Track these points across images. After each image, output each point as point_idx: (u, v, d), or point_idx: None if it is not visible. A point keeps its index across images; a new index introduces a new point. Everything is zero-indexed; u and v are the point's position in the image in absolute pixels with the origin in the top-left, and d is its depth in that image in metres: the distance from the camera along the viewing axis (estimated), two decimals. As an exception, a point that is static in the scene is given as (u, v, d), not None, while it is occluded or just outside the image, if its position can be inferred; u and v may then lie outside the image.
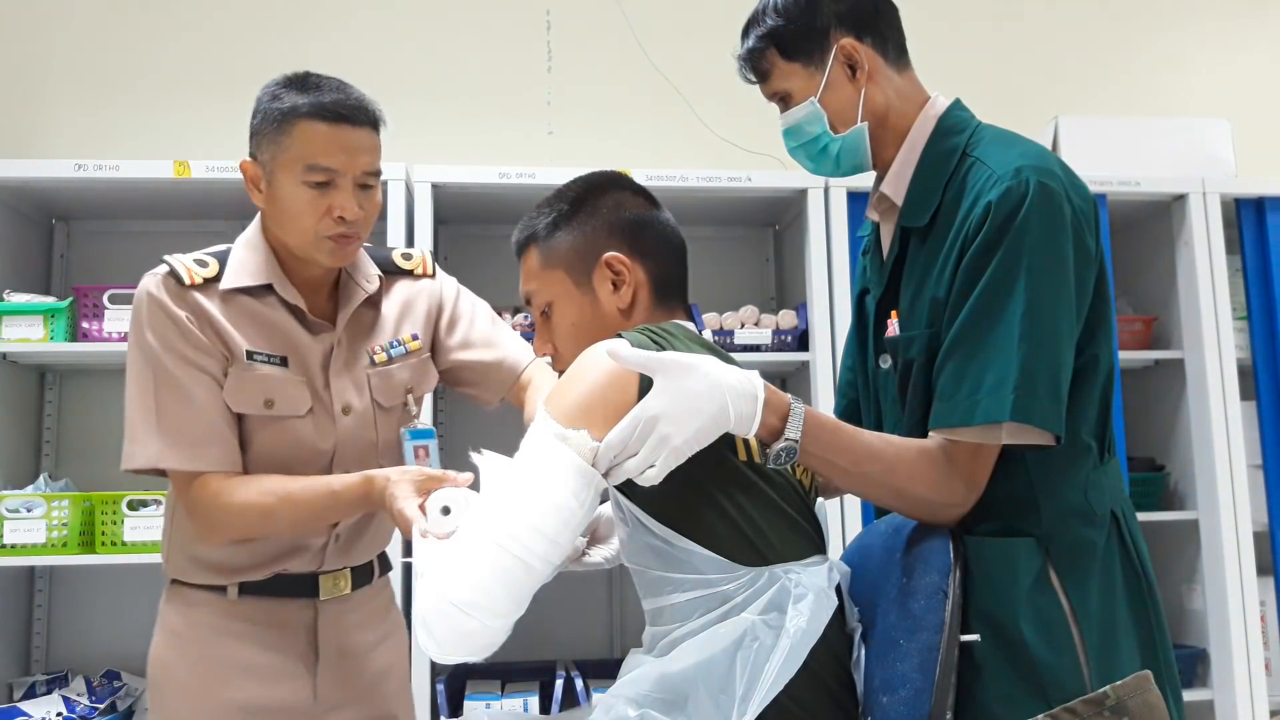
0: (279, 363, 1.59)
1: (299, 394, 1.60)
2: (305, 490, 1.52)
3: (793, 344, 2.72)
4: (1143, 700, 1.11)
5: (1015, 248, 1.21)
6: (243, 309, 1.59)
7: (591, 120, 3.14)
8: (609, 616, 2.95)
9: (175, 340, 1.54)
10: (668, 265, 1.41)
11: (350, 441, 1.64)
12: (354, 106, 1.54)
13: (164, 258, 1.60)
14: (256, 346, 1.58)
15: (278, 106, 1.53)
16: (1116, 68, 3.38)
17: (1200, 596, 2.73)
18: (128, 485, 2.66)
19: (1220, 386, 2.72)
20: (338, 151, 1.52)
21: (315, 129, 1.51)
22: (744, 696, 1.13)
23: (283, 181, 1.53)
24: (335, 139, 1.52)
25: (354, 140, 1.53)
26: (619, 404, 1.18)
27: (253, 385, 1.57)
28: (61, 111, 2.99)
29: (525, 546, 1.13)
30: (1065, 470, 1.27)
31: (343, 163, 1.52)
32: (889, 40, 1.41)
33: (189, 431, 1.53)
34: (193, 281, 1.56)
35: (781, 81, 1.42)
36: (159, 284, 1.56)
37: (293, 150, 1.52)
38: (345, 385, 1.64)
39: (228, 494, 1.52)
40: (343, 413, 1.63)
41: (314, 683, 1.63)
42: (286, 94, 1.53)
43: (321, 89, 1.54)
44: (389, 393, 1.68)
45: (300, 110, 1.51)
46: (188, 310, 1.55)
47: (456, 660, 1.16)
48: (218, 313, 1.57)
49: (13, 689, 2.62)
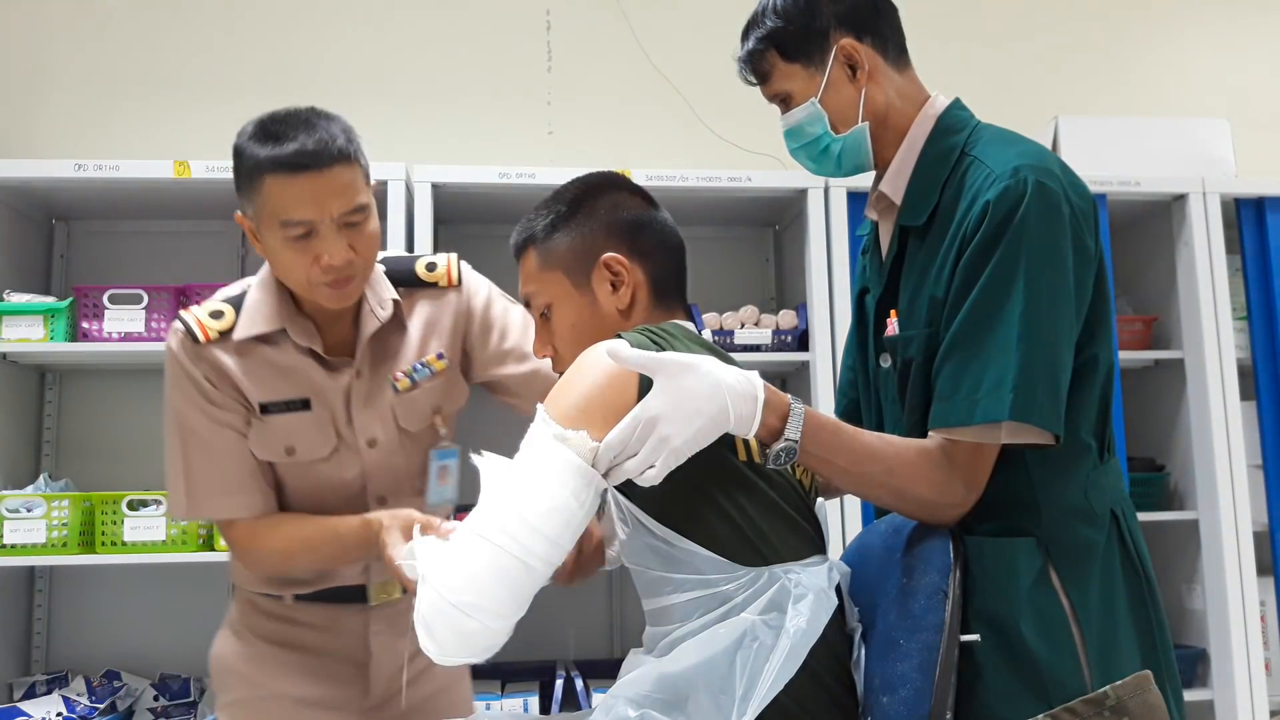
0: (300, 407, 1.61)
1: (321, 436, 1.62)
2: (317, 535, 1.59)
3: (793, 344, 2.72)
4: (1143, 700, 1.11)
5: (1013, 247, 1.21)
6: (260, 356, 1.60)
7: (591, 120, 3.14)
8: (609, 616, 2.95)
9: (196, 398, 1.58)
10: (666, 265, 1.41)
11: (379, 471, 1.66)
12: (315, 151, 1.46)
13: (181, 314, 1.62)
14: (275, 395, 1.60)
15: (246, 164, 1.49)
16: (1116, 68, 3.38)
17: (1200, 596, 2.73)
18: (128, 485, 2.66)
19: (1220, 386, 2.72)
20: (308, 203, 1.47)
21: (281, 184, 1.47)
22: (744, 696, 1.13)
23: (267, 237, 1.52)
24: (303, 190, 1.47)
25: (323, 186, 1.47)
26: (618, 404, 1.18)
27: (272, 435, 1.61)
28: (61, 111, 2.99)
29: (525, 547, 1.13)
30: (1065, 470, 1.27)
31: (314, 212, 1.48)
32: (889, 40, 1.41)
33: (216, 484, 1.60)
34: (207, 338, 1.59)
35: (782, 83, 1.42)
36: (178, 343, 1.60)
37: (266, 207, 1.49)
38: (369, 419, 1.64)
39: (253, 540, 1.62)
40: (368, 445, 1.64)
41: (366, 682, 1.70)
42: (251, 147, 1.49)
43: (283, 137, 1.47)
44: (415, 418, 1.68)
45: (264, 166, 1.47)
46: (205, 367, 1.59)
47: (458, 661, 1.16)
48: (234, 366, 1.59)
49: (13, 689, 2.62)
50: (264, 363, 1.60)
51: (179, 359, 1.59)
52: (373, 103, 3.06)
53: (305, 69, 3.07)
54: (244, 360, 1.59)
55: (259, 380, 1.60)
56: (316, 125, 1.49)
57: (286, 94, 3.00)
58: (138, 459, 2.82)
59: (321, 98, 3.02)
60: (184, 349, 1.59)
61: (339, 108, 3.17)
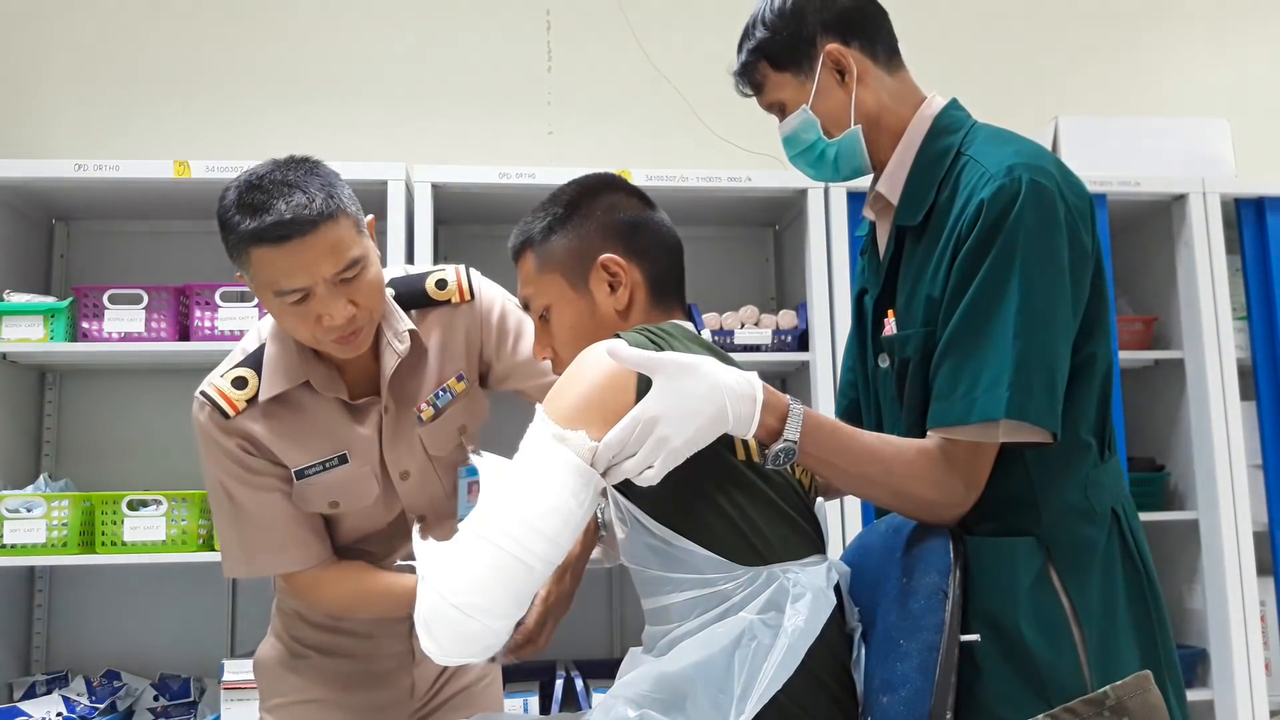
0: (336, 464, 1.61)
1: (364, 488, 1.63)
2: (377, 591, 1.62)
3: (793, 344, 2.72)
4: (1143, 700, 1.11)
5: (1008, 245, 1.21)
6: (288, 415, 1.59)
7: (591, 120, 3.14)
8: (609, 616, 2.95)
9: (233, 468, 1.58)
10: (664, 265, 1.41)
11: (415, 497, 1.68)
12: (293, 220, 1.41)
13: (203, 390, 1.59)
14: (310, 456, 1.60)
15: (230, 237, 1.47)
16: (1116, 68, 3.38)
17: (1200, 596, 2.73)
18: (128, 485, 2.66)
19: (1220, 386, 2.72)
20: (295, 271, 1.44)
21: (266, 256, 1.44)
22: (742, 696, 1.13)
23: (268, 302, 1.50)
24: (289, 259, 1.43)
25: (307, 252, 1.43)
26: (617, 405, 1.18)
27: (315, 493, 1.62)
28: (61, 111, 2.99)
29: (526, 548, 1.13)
30: (1065, 469, 1.27)
31: (305, 279, 1.45)
32: (877, 43, 1.42)
33: (269, 543, 1.61)
34: (236, 410, 1.57)
35: (774, 92, 1.43)
36: (206, 418, 1.58)
37: (258, 278, 1.47)
38: (400, 453, 1.65)
39: (315, 591, 1.65)
40: (401, 479, 1.66)
41: (412, 681, 1.74)
42: (234, 218, 1.45)
43: (262, 208, 1.43)
44: (442, 443, 1.68)
45: (247, 240, 1.44)
46: (238, 439, 1.58)
47: (458, 661, 1.17)
48: (265, 434, 1.58)
49: (13, 689, 2.62)
50: (294, 422, 1.59)
51: (209, 433, 1.58)
52: (373, 103, 3.07)
53: (305, 69, 3.07)
54: (273, 425, 1.58)
55: (292, 444, 1.59)
56: (294, 187, 1.45)
57: (286, 94, 3.03)
58: (138, 459, 2.82)
59: (321, 98, 3.06)
60: (213, 424, 1.57)
61: (339, 108, 3.18)
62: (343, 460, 1.61)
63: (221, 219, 1.48)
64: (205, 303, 2.56)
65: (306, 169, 1.49)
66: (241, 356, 1.62)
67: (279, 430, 1.58)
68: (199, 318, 2.56)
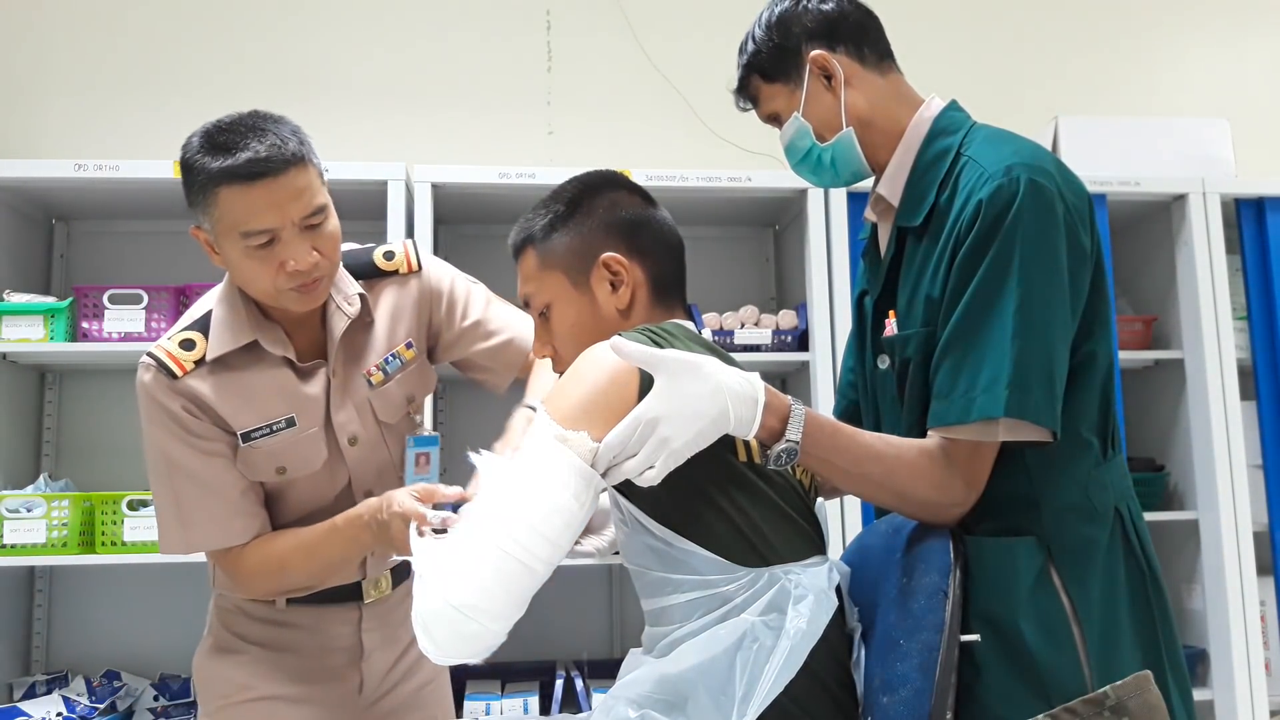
0: (284, 426, 1.59)
1: (312, 451, 1.61)
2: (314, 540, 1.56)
3: (793, 344, 2.72)
4: (1143, 700, 1.11)
5: (1007, 245, 1.22)
6: (235, 377, 1.57)
7: (591, 120, 3.14)
8: (609, 616, 2.95)
9: (178, 431, 1.55)
10: (665, 264, 1.41)
11: (362, 466, 1.66)
12: (268, 158, 1.42)
13: (150, 350, 1.57)
14: (258, 418, 1.57)
15: (197, 177, 1.45)
16: (1116, 68, 3.38)
17: (1200, 596, 2.73)
18: (128, 485, 2.66)
19: (1220, 386, 2.72)
20: (266, 210, 1.44)
21: (236, 194, 1.43)
22: (744, 698, 1.13)
23: (228, 249, 1.49)
24: (260, 198, 1.43)
25: (279, 192, 1.44)
26: (619, 405, 1.18)
27: (261, 458, 1.59)
28: (61, 111, 2.99)
29: (526, 549, 1.12)
30: (1065, 468, 1.27)
31: (275, 219, 1.45)
32: (864, 46, 1.43)
33: (211, 512, 1.56)
34: (184, 370, 1.55)
35: (769, 104, 1.46)
36: (152, 379, 1.55)
37: (224, 220, 1.46)
38: (348, 417, 1.64)
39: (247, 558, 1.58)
40: (349, 444, 1.64)
41: (360, 677, 1.70)
42: (201, 159, 1.44)
43: (233, 147, 1.43)
44: (391, 410, 1.68)
45: (216, 178, 1.43)
46: (184, 400, 1.55)
47: (456, 662, 1.16)
48: (212, 395, 1.55)
49: (13, 689, 2.62)
50: (241, 384, 1.57)
51: (154, 395, 1.55)
52: (373, 103, 3.07)
53: (305, 69, 3.07)
54: (221, 386, 1.56)
55: (240, 405, 1.56)
56: (266, 130, 1.45)
57: (286, 94, 3.03)
58: (138, 459, 2.77)
59: (321, 98, 3.05)
60: (159, 385, 1.54)
61: (339, 107, 3.18)
62: (290, 423, 1.59)
63: (186, 162, 1.46)
64: (205, 303, 2.56)
65: (274, 118, 1.49)
66: (189, 322, 1.60)
67: (226, 391, 1.56)
68: (199, 318, 2.56)
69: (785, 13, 1.43)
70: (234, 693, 1.65)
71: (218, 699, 1.66)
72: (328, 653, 1.69)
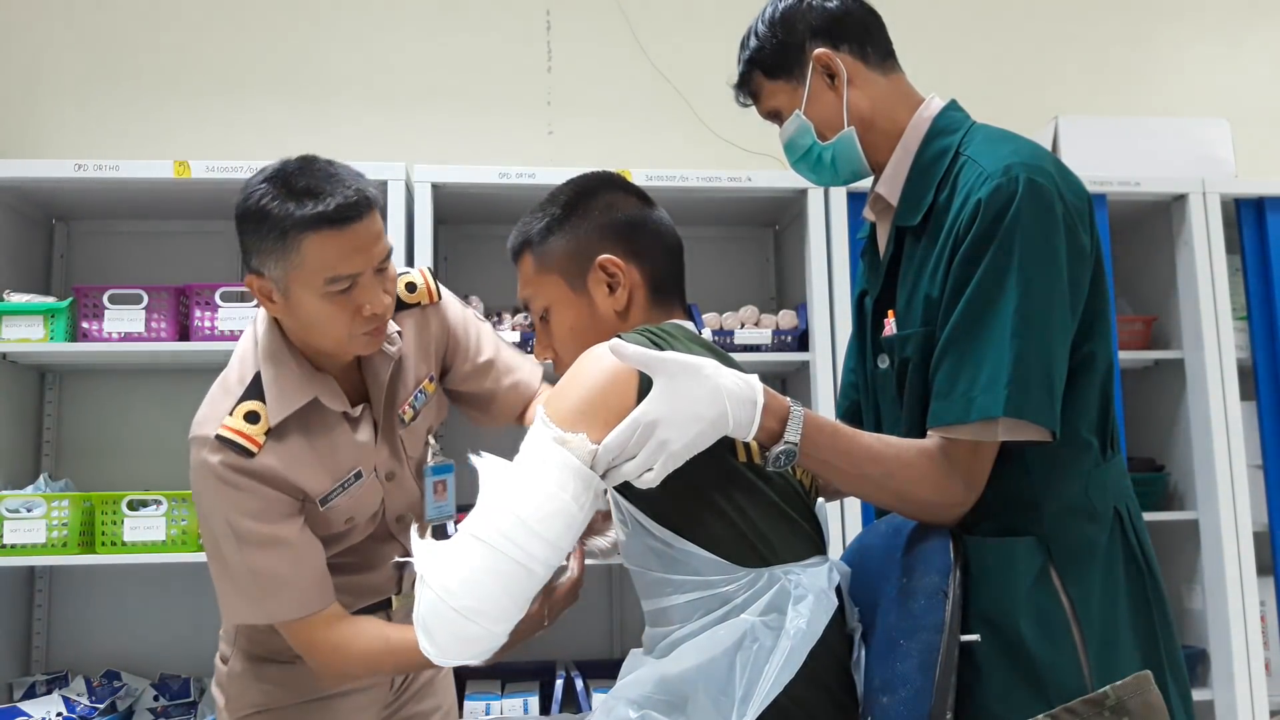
0: (354, 479, 1.57)
1: (372, 498, 1.62)
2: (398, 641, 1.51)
3: (793, 344, 2.72)
4: (1143, 700, 1.11)
5: (1006, 244, 1.22)
6: (298, 441, 1.52)
7: (591, 120, 3.14)
8: (609, 616, 2.95)
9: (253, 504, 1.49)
10: (663, 265, 1.40)
11: (395, 497, 1.67)
12: (355, 203, 1.43)
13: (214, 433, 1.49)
14: (331, 481, 1.55)
15: (277, 224, 1.42)
16: (1116, 68, 3.38)
17: (1200, 596, 2.73)
18: (128, 485, 2.66)
19: (1220, 386, 2.72)
20: (354, 255, 1.44)
21: (327, 240, 1.42)
22: (744, 698, 1.13)
23: (302, 297, 1.46)
24: (348, 244, 1.43)
25: (364, 236, 1.45)
26: (618, 407, 1.18)
27: (335, 516, 1.58)
28: (61, 111, 2.99)
29: (527, 552, 1.12)
30: (1065, 468, 1.27)
31: (361, 263, 1.45)
32: (868, 45, 1.43)
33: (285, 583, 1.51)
34: (259, 447, 1.49)
35: (770, 100, 1.46)
36: (222, 462, 1.48)
37: (307, 266, 1.43)
38: (384, 456, 1.63)
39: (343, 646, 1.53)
40: (386, 479, 1.65)
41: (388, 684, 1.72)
42: (279, 204, 1.42)
43: (315, 192, 1.42)
44: (416, 444, 1.69)
45: (304, 225, 1.41)
46: (259, 478, 1.49)
47: (456, 663, 1.17)
48: (283, 467, 1.50)
49: (13, 689, 2.62)
50: (307, 448, 1.53)
51: (224, 478, 1.47)
52: (373, 103, 3.07)
53: (305, 69, 3.07)
54: (289, 455, 1.51)
55: (311, 471, 1.53)
56: (338, 176, 1.46)
57: (286, 94, 3.03)
58: (138, 459, 2.82)
59: (321, 97, 3.06)
60: (232, 467, 1.48)
61: (339, 107, 3.18)
62: (358, 476, 1.58)
63: (260, 211, 1.43)
64: (205, 303, 2.56)
65: (327, 163, 1.49)
66: (240, 390, 1.53)
67: (296, 460, 1.52)
68: (199, 318, 2.56)
69: (790, 9, 1.43)
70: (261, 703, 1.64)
71: (246, 709, 1.65)
72: None
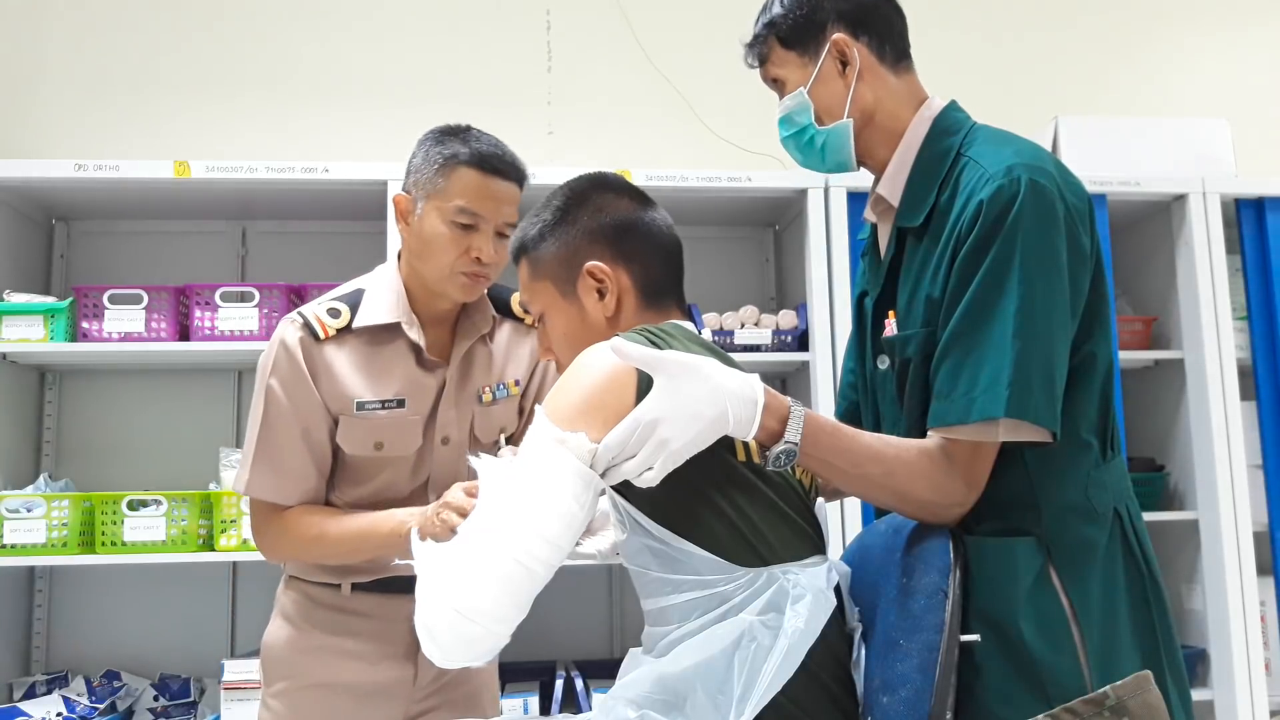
0: (395, 405, 1.71)
1: (409, 435, 1.73)
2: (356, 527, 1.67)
3: (793, 344, 2.72)
4: (1143, 700, 1.11)
5: (1008, 245, 1.22)
6: (367, 352, 1.72)
7: (591, 120, 3.14)
8: (609, 616, 2.95)
9: (290, 386, 1.68)
10: (654, 267, 1.39)
11: (443, 471, 1.75)
12: (509, 163, 1.70)
13: (300, 310, 1.72)
14: (374, 393, 1.71)
15: (441, 151, 1.67)
16: (1116, 68, 3.38)
17: (1200, 596, 2.73)
18: (128, 485, 2.67)
19: (1220, 386, 2.72)
20: (488, 199, 1.66)
21: (472, 176, 1.66)
22: (742, 697, 1.13)
23: (433, 218, 1.67)
24: (488, 188, 1.67)
25: (504, 192, 1.68)
26: (617, 406, 1.18)
27: (363, 430, 1.70)
28: (61, 111, 2.99)
29: (529, 552, 1.12)
30: (1065, 468, 1.27)
31: (490, 210, 1.67)
32: (886, 42, 1.42)
33: (273, 467, 1.69)
34: (327, 335, 1.70)
35: (777, 68, 1.45)
36: (295, 335, 1.69)
37: (448, 192, 1.66)
38: (450, 418, 1.76)
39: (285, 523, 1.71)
40: (441, 443, 1.75)
41: (415, 668, 1.77)
42: (449, 141, 1.68)
43: (482, 141, 1.69)
44: (487, 430, 1.80)
45: (461, 158, 1.66)
46: (315, 363, 1.69)
47: (459, 664, 1.17)
48: (343, 361, 1.70)
49: (13, 689, 2.62)
50: (371, 359, 1.71)
51: (290, 350, 1.68)
52: (373, 103, 3.07)
53: (305, 69, 3.07)
54: (353, 356, 1.70)
55: (364, 377, 1.70)
56: (505, 146, 1.72)
57: (286, 94, 3.03)
58: (138, 459, 2.82)
59: (321, 97, 3.06)
60: (300, 343, 1.68)
61: (339, 107, 3.18)
62: (401, 404, 1.71)
63: (437, 137, 1.70)
64: (205, 303, 2.56)
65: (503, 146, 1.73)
66: (339, 294, 1.75)
67: (356, 362, 1.70)
68: (199, 318, 2.56)
69: None
70: (296, 676, 1.75)
71: (281, 680, 1.76)
72: (387, 640, 1.76)
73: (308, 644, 1.76)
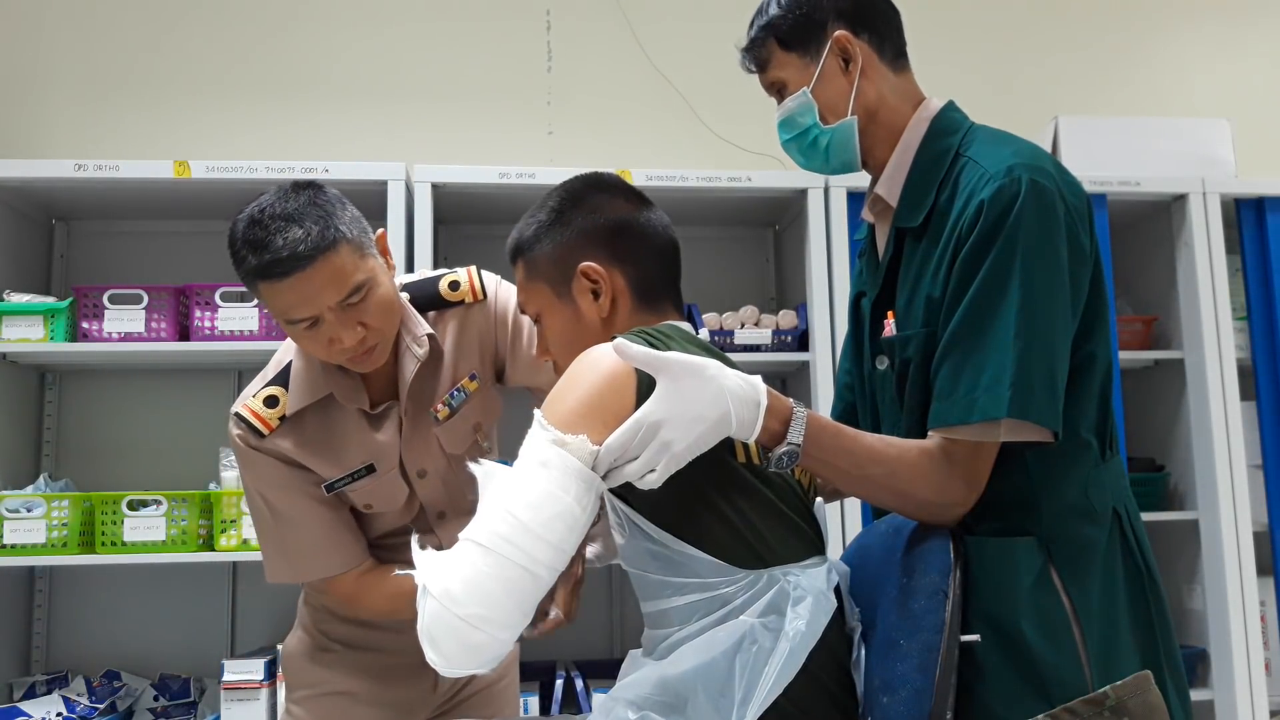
0: (364, 473, 1.66)
1: (391, 491, 1.69)
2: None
3: (793, 344, 2.72)
4: (1143, 700, 1.11)
5: (1009, 245, 1.21)
6: (314, 428, 1.65)
7: (591, 120, 3.14)
8: (609, 617, 2.95)
9: (271, 478, 1.65)
10: (651, 268, 1.38)
11: (432, 494, 1.72)
12: (290, 256, 1.44)
13: (236, 410, 1.65)
14: (339, 469, 1.66)
15: (239, 269, 1.50)
16: (1116, 68, 3.38)
17: (1200, 596, 2.73)
18: (128, 485, 2.67)
19: (1220, 386, 2.72)
20: (300, 304, 1.48)
21: (271, 290, 1.48)
22: (743, 699, 1.13)
23: (282, 326, 1.55)
24: (292, 294, 1.47)
25: (308, 286, 1.47)
26: (617, 408, 1.17)
27: (347, 500, 1.69)
28: (61, 111, 2.99)
29: (531, 557, 1.11)
30: (1065, 468, 1.27)
31: (311, 309, 1.49)
32: (886, 39, 1.42)
33: (310, 549, 1.67)
34: (269, 429, 1.63)
35: (778, 71, 1.43)
36: (240, 437, 1.64)
37: (270, 307, 1.53)
38: (417, 454, 1.69)
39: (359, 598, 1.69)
40: (418, 476, 1.71)
41: (435, 676, 1.75)
42: (243, 254, 1.48)
43: (262, 245, 1.46)
44: (458, 441, 1.73)
45: (253, 275, 1.48)
46: (273, 455, 1.64)
47: (463, 673, 1.15)
48: (295, 450, 1.64)
49: (13, 689, 2.62)
50: (320, 438, 1.64)
51: (245, 451, 1.64)
52: (373, 103, 3.07)
53: (305, 69, 3.07)
54: (302, 441, 1.64)
55: (322, 458, 1.64)
56: (292, 221, 1.47)
57: (286, 94, 3.03)
58: (138, 459, 2.82)
59: (322, 98, 3.06)
60: (247, 443, 1.64)
61: (339, 108, 3.18)
62: (369, 470, 1.66)
63: (231, 251, 1.52)
64: (205, 303, 2.56)
65: (306, 199, 1.51)
66: (274, 373, 1.67)
67: (308, 447, 1.64)
68: (199, 318, 2.56)
69: None
70: (316, 684, 1.76)
71: (302, 688, 1.77)
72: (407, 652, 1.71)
73: (325, 655, 1.77)
